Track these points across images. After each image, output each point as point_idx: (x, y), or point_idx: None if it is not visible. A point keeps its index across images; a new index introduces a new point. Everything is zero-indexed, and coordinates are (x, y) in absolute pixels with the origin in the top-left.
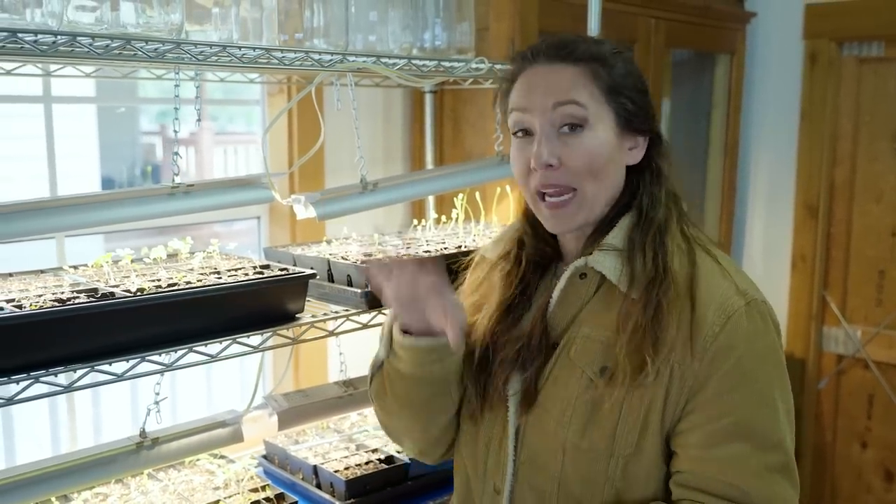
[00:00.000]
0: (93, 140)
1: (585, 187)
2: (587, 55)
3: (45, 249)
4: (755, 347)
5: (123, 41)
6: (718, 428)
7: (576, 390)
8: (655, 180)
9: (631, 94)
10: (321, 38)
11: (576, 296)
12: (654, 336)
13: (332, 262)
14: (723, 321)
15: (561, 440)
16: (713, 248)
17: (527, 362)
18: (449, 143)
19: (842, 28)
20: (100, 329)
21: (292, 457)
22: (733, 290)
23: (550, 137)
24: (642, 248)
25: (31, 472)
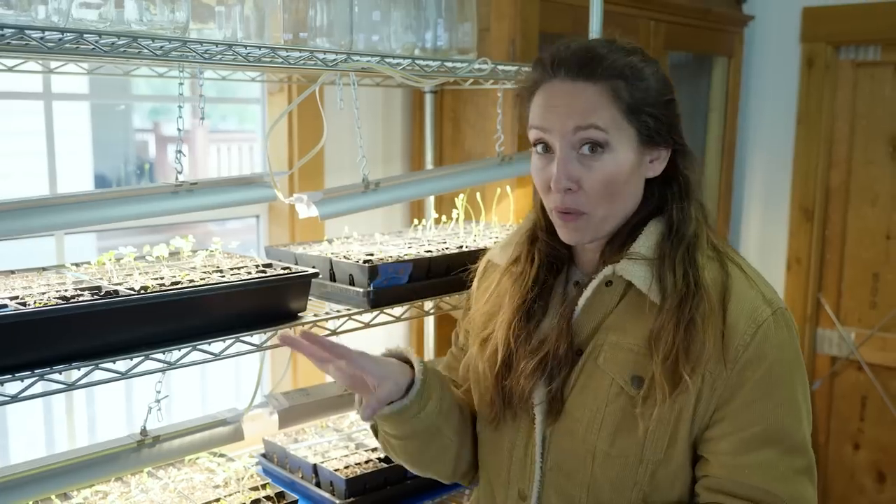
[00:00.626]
0: (86, 137)
1: (596, 211)
2: (610, 72)
3: (42, 246)
4: (784, 356)
5: (130, 38)
6: (749, 435)
7: (605, 398)
8: (684, 193)
9: (654, 108)
10: (324, 38)
11: (601, 303)
12: (689, 353)
13: (335, 261)
14: (753, 330)
15: (590, 447)
16: (737, 255)
17: (553, 372)
18: (449, 144)
19: (839, 32)
20: (104, 327)
21: (292, 455)
22: (760, 299)
23: (570, 159)
24: (672, 264)
25: (32, 469)
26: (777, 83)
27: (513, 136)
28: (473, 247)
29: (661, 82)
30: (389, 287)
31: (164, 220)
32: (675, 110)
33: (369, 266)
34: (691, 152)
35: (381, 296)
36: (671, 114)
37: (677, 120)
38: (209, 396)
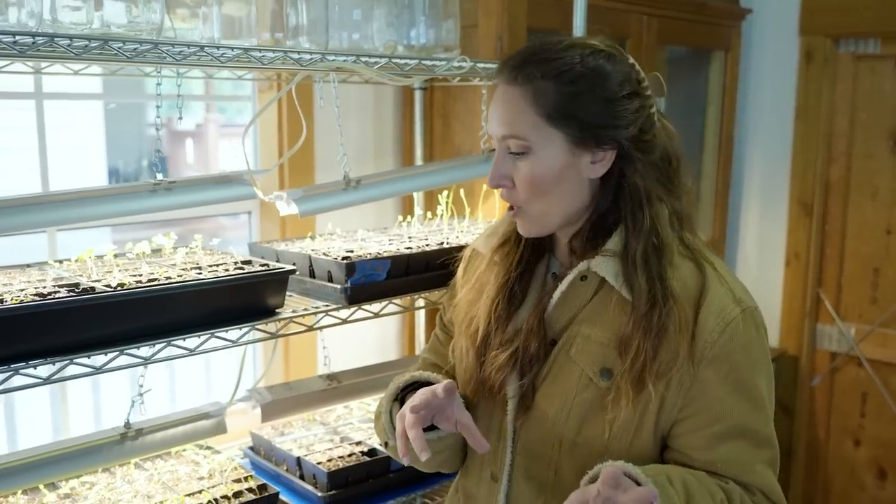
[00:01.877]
0: (99, 133)
1: (531, 207)
2: (536, 74)
3: (37, 242)
4: (749, 353)
5: (101, 41)
6: (718, 430)
7: (574, 388)
8: (632, 198)
9: (587, 107)
10: (305, 37)
11: (575, 297)
12: (657, 363)
13: (314, 258)
14: (721, 328)
15: (558, 434)
16: (709, 253)
17: (524, 367)
18: (439, 140)
19: (838, 25)
20: (80, 323)
21: (277, 448)
22: (730, 297)
23: (502, 159)
24: (634, 265)
25: (17, 460)
26: (775, 77)
27: None
28: (455, 243)
29: (602, 80)
30: (367, 284)
31: (174, 215)
32: (619, 111)
33: (346, 263)
34: (642, 156)
35: (359, 292)
36: (614, 112)
37: (623, 121)
38: (186, 391)
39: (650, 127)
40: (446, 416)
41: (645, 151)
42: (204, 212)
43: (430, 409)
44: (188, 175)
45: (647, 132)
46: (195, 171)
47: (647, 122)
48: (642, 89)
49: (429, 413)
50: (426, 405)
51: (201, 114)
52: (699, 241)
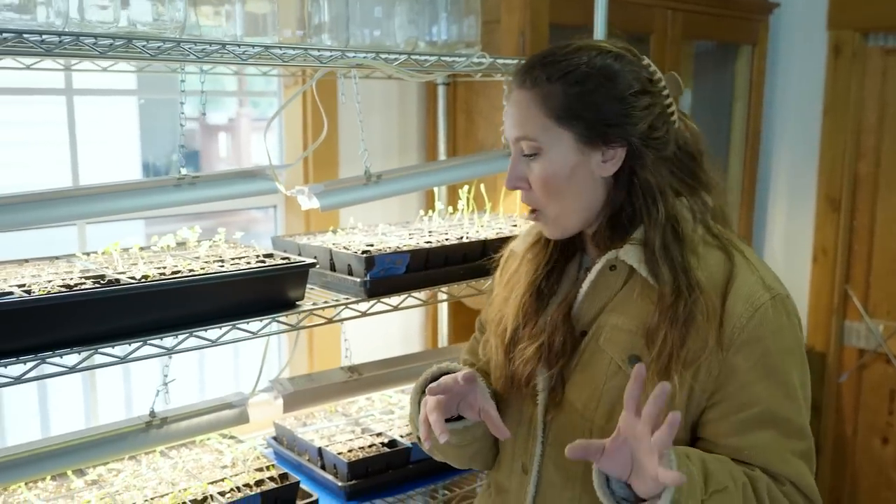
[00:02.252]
0: (134, 128)
1: (548, 209)
2: (544, 77)
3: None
4: (780, 340)
5: (125, 40)
6: (747, 417)
7: (604, 377)
8: (644, 194)
9: (593, 106)
10: (327, 34)
11: (605, 287)
12: (683, 354)
13: (334, 251)
14: (750, 313)
15: (588, 423)
16: (739, 242)
17: (551, 360)
18: (462, 135)
19: (867, 18)
20: (105, 313)
21: (299, 439)
22: (760, 284)
23: (517, 162)
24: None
25: (45, 447)
26: (803, 71)
27: None
28: (474, 238)
29: (612, 79)
30: (386, 277)
31: (206, 207)
32: (626, 109)
33: (366, 256)
34: (653, 152)
35: (378, 286)
36: (619, 113)
37: (632, 119)
38: (215, 381)
39: (662, 124)
40: (469, 404)
41: (656, 148)
42: (234, 205)
43: (451, 395)
44: (220, 168)
45: (658, 129)
46: (227, 165)
47: (658, 120)
48: (654, 87)
49: (451, 399)
50: (446, 390)
51: (234, 108)
52: (729, 231)
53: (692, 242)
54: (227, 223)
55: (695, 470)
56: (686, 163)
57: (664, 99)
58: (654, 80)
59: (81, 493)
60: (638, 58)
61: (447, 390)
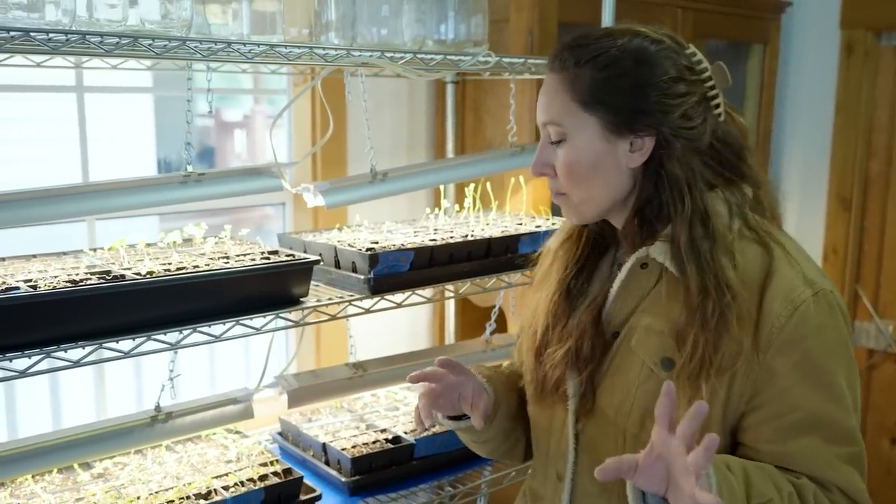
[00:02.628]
0: (150, 124)
1: (572, 195)
2: (573, 60)
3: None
4: (823, 339)
5: (132, 38)
6: (789, 422)
7: (636, 381)
8: (671, 186)
9: (620, 93)
10: (334, 32)
11: (637, 286)
12: (716, 359)
13: (339, 248)
14: (789, 312)
15: (621, 429)
16: (780, 234)
17: (580, 364)
18: (470, 133)
19: (880, 17)
20: (109, 309)
21: (304, 434)
22: (801, 279)
23: (544, 147)
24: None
25: (51, 440)
26: (815, 70)
27: (530, 126)
28: (479, 236)
29: (636, 67)
30: (390, 274)
31: (220, 204)
32: (656, 97)
33: (370, 254)
34: (683, 143)
35: (382, 283)
36: (648, 100)
37: (662, 107)
38: (222, 377)
39: (697, 114)
40: (464, 398)
41: (688, 139)
42: (248, 201)
43: (443, 386)
44: (235, 165)
45: (692, 119)
46: (242, 162)
47: (693, 109)
48: (693, 76)
49: (447, 390)
50: (426, 377)
51: (249, 105)
52: (768, 223)
53: (725, 239)
54: (240, 220)
55: (735, 483)
56: (725, 155)
57: (705, 88)
58: (694, 68)
59: (87, 486)
60: (679, 45)
61: (428, 377)
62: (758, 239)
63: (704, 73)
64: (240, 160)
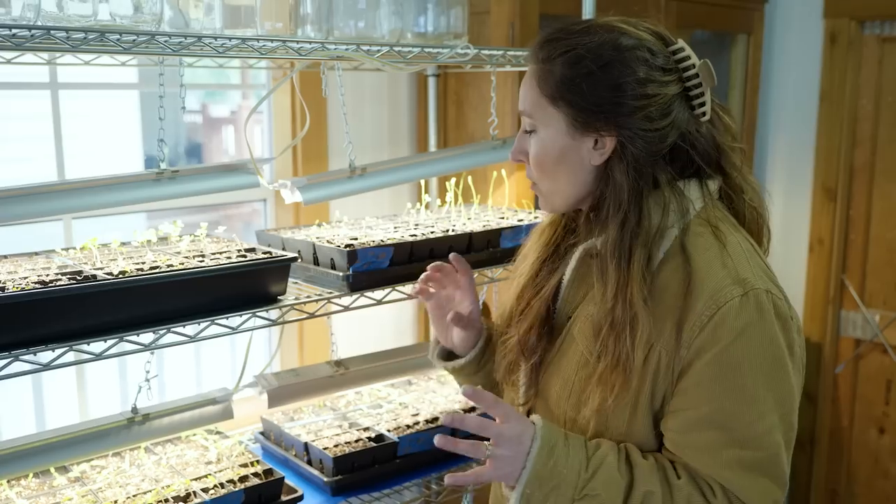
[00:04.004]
0: (136, 120)
1: (541, 184)
2: (546, 54)
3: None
4: (745, 341)
5: (98, 33)
6: (694, 415)
7: (574, 367)
8: (613, 193)
9: (586, 91)
10: (311, 26)
11: (588, 274)
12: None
13: (317, 245)
14: (711, 312)
15: (561, 413)
16: (730, 229)
17: (526, 352)
18: (452, 126)
19: (863, 7)
20: (81, 310)
21: (286, 434)
22: (730, 279)
23: (521, 135)
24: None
25: (27, 444)
26: (799, 60)
27: (512, 118)
28: (460, 231)
29: (608, 67)
30: (370, 271)
31: (209, 199)
32: (621, 98)
33: (349, 250)
34: (636, 144)
35: (361, 280)
36: (613, 101)
37: (625, 108)
38: (207, 376)
39: (661, 115)
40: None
41: (648, 141)
42: (235, 197)
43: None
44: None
45: (653, 120)
46: (230, 157)
47: (657, 111)
48: (666, 76)
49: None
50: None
51: (237, 101)
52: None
53: (656, 238)
54: (229, 216)
55: (563, 466)
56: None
57: (683, 87)
58: (670, 67)
59: (64, 491)
60: (663, 41)
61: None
62: (710, 233)
63: (688, 72)
64: (227, 156)
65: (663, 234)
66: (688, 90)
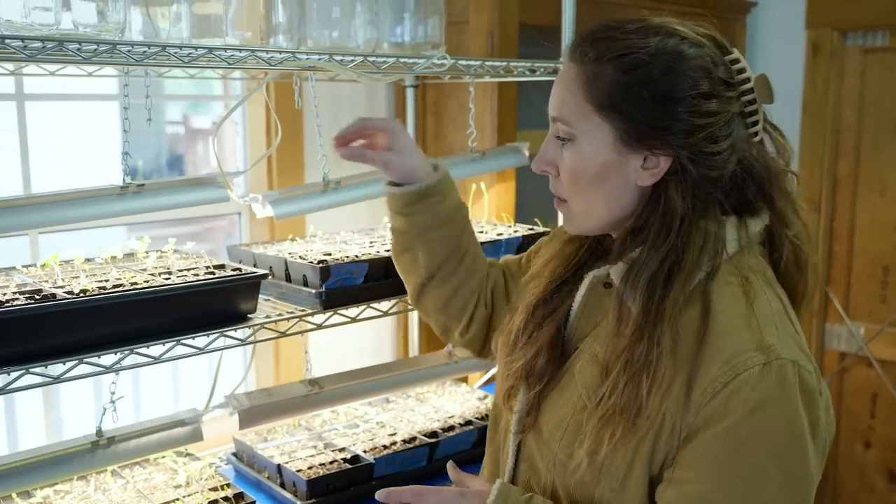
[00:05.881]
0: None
1: (572, 202)
2: (595, 54)
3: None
4: (761, 417)
5: (57, 42)
6: (694, 491)
7: (571, 409)
8: (662, 220)
9: (640, 104)
10: (283, 35)
11: (599, 305)
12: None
13: (289, 261)
14: (727, 378)
15: (552, 453)
16: (761, 285)
17: (531, 379)
18: (431, 138)
19: (845, 17)
20: (39, 330)
21: (258, 455)
22: (753, 343)
23: (549, 144)
24: (635, 289)
25: None
26: (781, 71)
27: (492, 130)
28: None
29: (668, 77)
30: (343, 287)
31: (191, 212)
32: (679, 113)
33: (321, 267)
34: (697, 168)
35: (335, 297)
36: (670, 116)
37: (683, 125)
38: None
39: (723, 137)
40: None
41: (707, 166)
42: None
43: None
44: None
45: (717, 142)
46: (211, 169)
47: (720, 131)
48: (729, 91)
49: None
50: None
51: (219, 112)
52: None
53: (689, 281)
54: (210, 228)
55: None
56: (748, 184)
57: (741, 104)
58: (732, 81)
59: None
60: (722, 49)
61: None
62: (739, 283)
63: (745, 85)
64: (209, 167)
65: (692, 274)
66: (744, 106)
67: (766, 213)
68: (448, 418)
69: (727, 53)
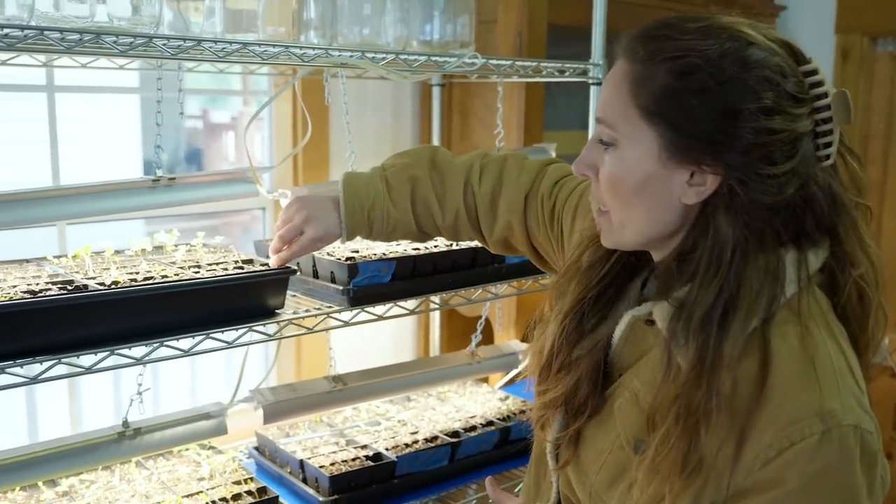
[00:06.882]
0: (136, 125)
1: (612, 212)
2: (647, 53)
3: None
4: (815, 486)
5: (94, 35)
6: None
7: (610, 446)
8: (711, 249)
9: (692, 114)
10: (314, 32)
11: (643, 339)
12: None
13: (317, 258)
14: (782, 447)
15: (590, 484)
16: (823, 336)
17: (568, 417)
18: (457, 138)
19: (876, 23)
20: (71, 321)
21: (281, 450)
22: (814, 408)
23: (591, 145)
24: (687, 332)
25: (15, 457)
26: None
27: (519, 130)
28: (465, 245)
29: (727, 85)
30: (371, 285)
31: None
32: (737, 127)
33: (349, 264)
34: (748, 192)
35: (362, 294)
36: (725, 130)
37: (739, 142)
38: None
39: (784, 159)
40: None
41: (761, 191)
42: (239, 205)
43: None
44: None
45: (775, 164)
46: (230, 164)
47: (781, 152)
48: (798, 108)
49: None
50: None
51: (238, 107)
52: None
53: (747, 319)
54: (229, 222)
55: None
56: (808, 215)
57: (813, 122)
58: (803, 96)
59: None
60: (796, 59)
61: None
62: (796, 333)
63: (820, 101)
64: (227, 162)
65: (750, 317)
66: (816, 125)
67: (826, 244)
68: (469, 418)
69: (801, 65)
